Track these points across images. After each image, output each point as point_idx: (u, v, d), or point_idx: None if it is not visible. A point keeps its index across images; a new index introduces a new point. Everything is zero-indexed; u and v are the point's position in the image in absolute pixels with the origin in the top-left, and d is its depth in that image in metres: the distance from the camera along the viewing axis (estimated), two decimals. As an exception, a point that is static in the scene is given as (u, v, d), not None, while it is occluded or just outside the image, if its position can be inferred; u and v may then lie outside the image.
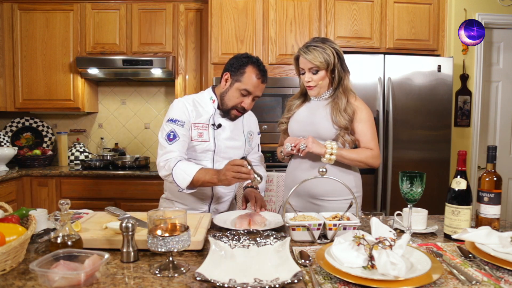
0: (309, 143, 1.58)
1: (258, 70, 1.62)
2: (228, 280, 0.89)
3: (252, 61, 1.62)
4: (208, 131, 1.66)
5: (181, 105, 1.66)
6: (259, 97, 1.68)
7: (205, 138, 1.66)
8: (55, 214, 1.44)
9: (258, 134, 1.91)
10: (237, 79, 1.62)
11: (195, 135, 1.65)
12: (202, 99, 1.72)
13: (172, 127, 1.61)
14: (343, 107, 1.63)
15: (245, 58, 1.63)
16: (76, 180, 3.07)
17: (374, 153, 1.65)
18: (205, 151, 1.66)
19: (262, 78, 1.63)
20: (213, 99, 1.71)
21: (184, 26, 3.33)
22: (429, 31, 3.09)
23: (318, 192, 1.68)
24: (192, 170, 1.52)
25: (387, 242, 0.97)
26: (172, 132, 1.60)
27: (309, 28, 3.03)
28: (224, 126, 1.70)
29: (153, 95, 3.71)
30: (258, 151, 1.93)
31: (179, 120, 1.61)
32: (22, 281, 0.94)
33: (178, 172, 1.53)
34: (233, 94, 1.63)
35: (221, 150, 1.68)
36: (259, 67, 1.62)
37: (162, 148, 1.60)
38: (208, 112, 1.69)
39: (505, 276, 0.99)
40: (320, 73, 1.63)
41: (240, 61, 1.63)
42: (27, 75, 3.32)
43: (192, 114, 1.65)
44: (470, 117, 3.12)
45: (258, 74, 1.61)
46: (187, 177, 1.52)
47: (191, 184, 1.53)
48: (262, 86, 1.66)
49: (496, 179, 1.33)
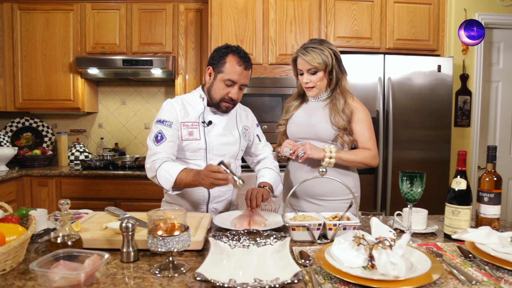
0: (307, 149, 1.58)
1: (239, 57, 1.59)
2: (228, 280, 0.89)
3: (231, 50, 1.61)
4: (198, 129, 1.65)
5: (169, 106, 1.66)
6: (246, 85, 1.65)
7: (195, 136, 1.64)
8: (55, 214, 1.44)
9: (257, 126, 1.87)
10: (219, 70, 1.61)
11: (185, 134, 1.64)
12: (191, 98, 1.72)
13: (159, 128, 1.61)
14: (341, 108, 1.64)
15: (225, 49, 1.62)
16: (76, 180, 3.07)
17: (372, 153, 1.66)
18: (197, 150, 1.65)
19: (244, 65, 1.60)
20: (203, 96, 1.70)
21: (184, 26, 3.33)
22: (429, 31, 3.09)
23: (318, 192, 1.69)
24: (175, 171, 1.50)
25: (387, 242, 0.97)
26: (159, 133, 1.60)
27: (309, 28, 3.03)
28: (215, 123, 1.68)
29: (153, 95, 3.71)
30: (260, 141, 1.86)
31: (166, 121, 1.61)
32: (22, 281, 0.94)
33: (162, 173, 1.52)
34: (218, 86, 1.62)
35: (213, 148, 1.66)
36: (239, 54, 1.60)
37: (150, 150, 1.61)
38: (197, 110, 1.68)
39: (505, 276, 0.99)
40: (318, 74, 1.64)
41: (220, 52, 1.62)
42: (27, 75, 3.32)
43: (180, 114, 1.64)
44: (470, 117, 3.12)
45: (239, 61, 1.59)
46: (170, 178, 1.49)
47: (175, 185, 1.51)
48: (246, 73, 1.62)
49: (496, 179, 1.33)
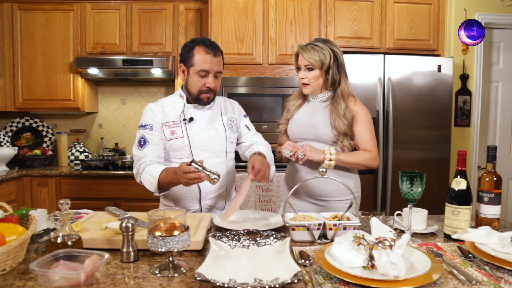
0: (307, 151, 1.58)
1: (205, 46, 1.61)
2: (228, 280, 0.89)
3: (197, 42, 1.63)
4: (180, 127, 1.67)
5: (148, 110, 1.70)
6: (221, 72, 1.66)
7: (178, 134, 1.66)
8: (55, 214, 1.44)
9: (245, 117, 1.85)
10: (190, 64, 1.63)
11: (168, 134, 1.66)
12: (172, 99, 1.75)
13: (142, 133, 1.65)
14: (342, 112, 1.64)
15: (191, 43, 1.65)
16: (76, 180, 3.07)
17: (373, 155, 1.66)
18: (182, 148, 1.66)
19: (213, 52, 1.61)
20: (182, 95, 1.72)
21: (184, 26, 3.33)
22: (429, 31, 3.09)
23: (319, 193, 1.69)
24: (156, 172, 1.54)
25: (387, 242, 0.97)
26: (142, 138, 1.64)
27: (309, 28, 3.02)
28: (196, 119, 1.68)
29: (153, 95, 3.71)
30: (250, 130, 1.82)
31: (147, 125, 1.66)
32: (22, 281, 0.94)
33: (145, 177, 1.57)
34: (193, 80, 1.64)
35: (197, 143, 1.66)
36: (205, 43, 1.62)
37: (135, 157, 1.65)
38: (177, 109, 1.70)
39: (505, 276, 0.99)
40: (314, 71, 1.64)
41: (187, 47, 1.65)
42: (27, 75, 3.32)
43: (160, 115, 1.67)
44: (470, 117, 3.12)
45: (206, 50, 1.60)
46: (153, 180, 1.54)
47: (160, 186, 1.54)
48: (217, 60, 1.62)
49: (496, 179, 1.33)
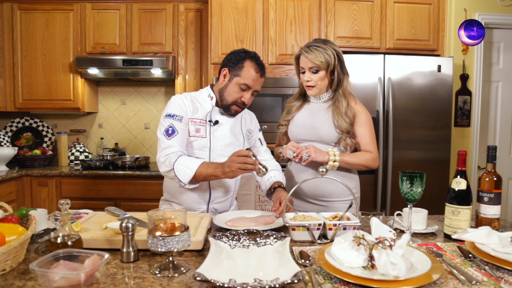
0: (311, 152, 1.57)
1: (257, 64, 1.63)
2: (228, 280, 0.89)
3: (250, 56, 1.64)
4: (205, 127, 1.66)
5: (178, 100, 1.65)
6: (258, 91, 1.69)
7: (202, 134, 1.65)
8: (55, 214, 1.44)
9: (260, 131, 1.90)
10: (236, 73, 1.62)
11: (193, 131, 1.64)
12: (200, 96, 1.73)
13: (170, 122, 1.60)
14: (344, 110, 1.64)
15: (243, 53, 1.64)
16: (76, 180, 3.07)
17: (373, 156, 1.67)
18: (202, 148, 1.65)
19: (260, 72, 1.64)
20: (211, 96, 1.71)
21: (184, 26, 3.33)
22: (429, 31, 3.09)
23: (319, 193, 1.69)
24: (194, 164, 1.51)
25: (387, 242, 0.97)
26: (170, 127, 1.59)
27: (309, 28, 3.02)
28: (222, 123, 1.69)
29: (153, 95, 3.71)
30: (262, 144, 1.89)
31: (177, 115, 1.61)
32: (22, 281, 0.94)
33: (179, 167, 1.52)
34: (232, 89, 1.63)
35: (217, 147, 1.67)
36: (257, 61, 1.64)
37: (161, 144, 1.59)
38: (205, 109, 1.68)
39: (505, 276, 0.99)
40: (320, 73, 1.64)
41: (238, 56, 1.64)
42: (27, 75, 3.32)
43: (189, 109, 1.65)
44: (470, 117, 3.12)
45: (256, 68, 1.62)
46: (189, 171, 1.50)
47: (194, 178, 1.52)
48: (261, 80, 1.66)
49: (496, 179, 1.33)
